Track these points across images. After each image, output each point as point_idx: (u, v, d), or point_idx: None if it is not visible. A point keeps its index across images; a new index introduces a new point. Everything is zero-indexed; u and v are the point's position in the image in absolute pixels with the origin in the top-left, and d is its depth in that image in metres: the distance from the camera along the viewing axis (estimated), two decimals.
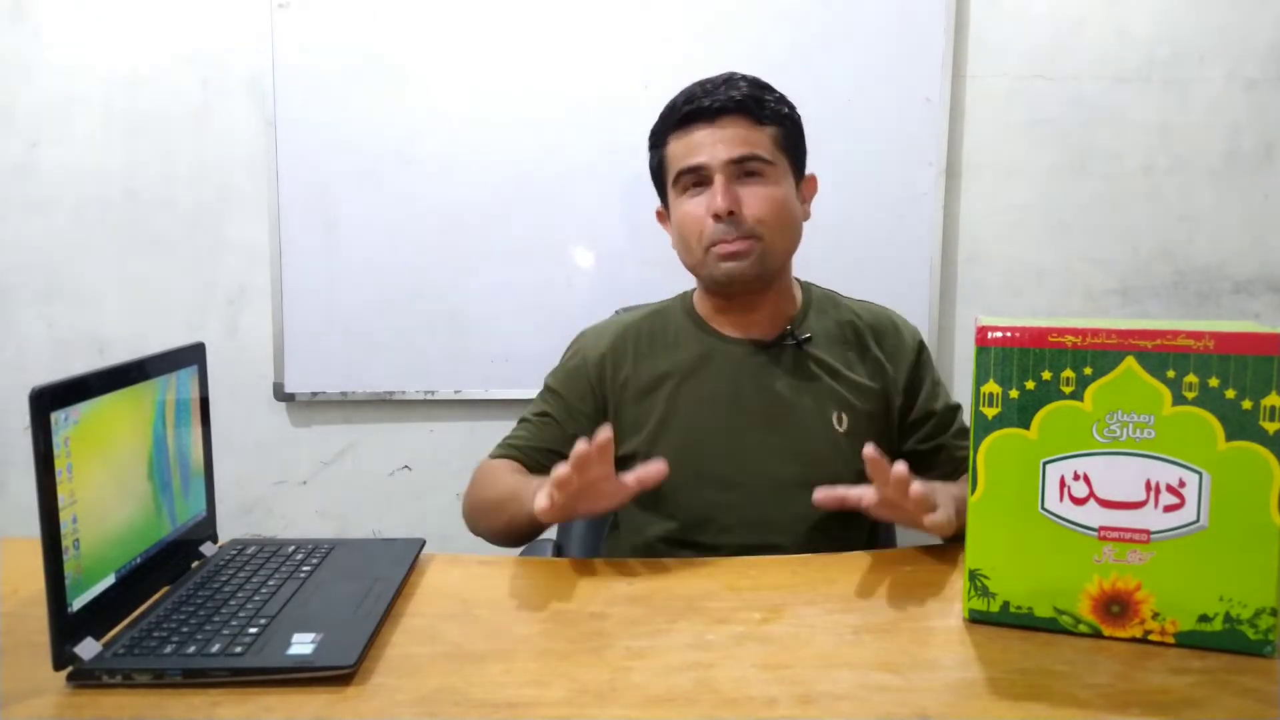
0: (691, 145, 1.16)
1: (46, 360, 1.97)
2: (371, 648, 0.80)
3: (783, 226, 1.17)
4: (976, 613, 0.85)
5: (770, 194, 1.16)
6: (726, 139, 1.15)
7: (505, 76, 1.91)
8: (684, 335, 1.25)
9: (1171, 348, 0.77)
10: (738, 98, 1.15)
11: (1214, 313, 2.03)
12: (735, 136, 1.15)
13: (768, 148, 1.16)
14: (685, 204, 1.18)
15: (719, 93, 1.15)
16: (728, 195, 1.13)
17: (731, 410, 1.19)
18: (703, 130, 1.16)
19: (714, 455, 1.18)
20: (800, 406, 1.19)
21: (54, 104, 1.92)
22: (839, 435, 1.18)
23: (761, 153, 1.15)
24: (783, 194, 1.17)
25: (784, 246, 1.19)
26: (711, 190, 1.14)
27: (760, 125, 1.16)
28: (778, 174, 1.17)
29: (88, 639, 0.77)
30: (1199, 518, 0.78)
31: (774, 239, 1.16)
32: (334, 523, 2.06)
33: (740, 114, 1.15)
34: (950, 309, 2.03)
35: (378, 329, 1.97)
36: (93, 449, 0.80)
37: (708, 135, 1.15)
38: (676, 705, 0.72)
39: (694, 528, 1.17)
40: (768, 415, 1.19)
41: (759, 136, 1.16)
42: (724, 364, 1.21)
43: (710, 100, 1.15)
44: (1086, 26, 1.96)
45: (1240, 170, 2.00)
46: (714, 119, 1.15)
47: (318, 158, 1.92)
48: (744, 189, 1.15)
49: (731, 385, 1.20)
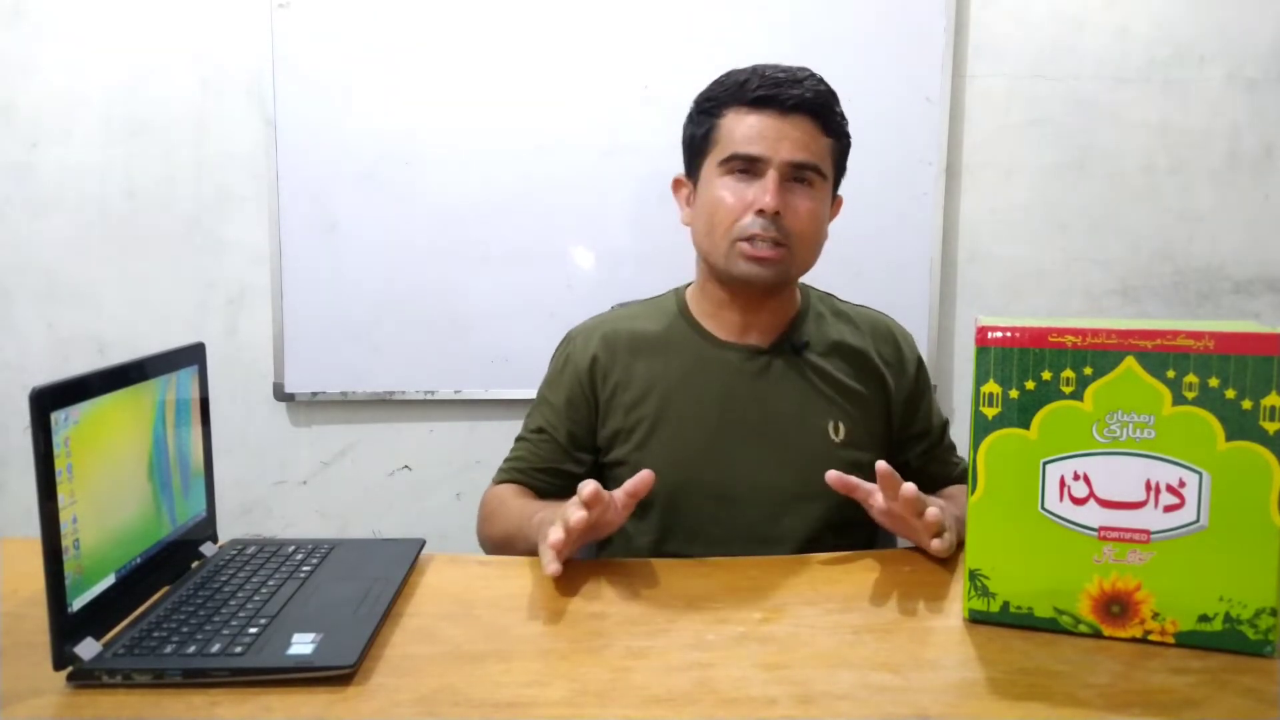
0: (755, 131, 1.11)
1: (46, 360, 1.97)
2: (371, 648, 0.80)
3: (814, 243, 1.15)
4: (976, 613, 0.85)
5: (814, 209, 1.13)
6: (793, 138, 1.11)
7: (505, 77, 1.91)
8: (677, 338, 1.21)
9: (1171, 348, 0.77)
10: (814, 100, 1.12)
11: (1214, 313, 2.03)
12: (801, 140, 1.11)
13: (825, 160, 1.14)
14: (726, 186, 1.13)
15: (796, 87, 1.11)
16: (778, 196, 1.09)
17: (724, 419, 1.16)
18: (771, 119, 1.11)
19: (705, 465, 1.15)
20: (796, 415, 1.17)
21: (54, 104, 1.92)
22: (835, 445, 1.16)
23: (819, 164, 1.12)
24: (823, 210, 1.15)
25: (807, 263, 1.17)
26: (762, 184, 1.10)
27: (825, 134, 1.13)
28: (825, 189, 1.15)
29: (88, 639, 0.77)
30: (1199, 518, 0.78)
31: (801, 254, 1.14)
32: (334, 523, 2.06)
33: (811, 116, 1.12)
34: (950, 309, 2.03)
35: (378, 329, 1.97)
36: (93, 449, 0.80)
37: (774, 127, 1.11)
38: (676, 705, 0.72)
39: (686, 539, 1.15)
40: (762, 424, 1.16)
41: (821, 145, 1.13)
42: (718, 371, 1.18)
43: (786, 94, 1.10)
44: (1086, 26, 1.96)
45: (1240, 170, 2.00)
46: (785, 113, 1.11)
47: (318, 158, 1.92)
48: (791, 195, 1.11)
49: (724, 393, 1.17)
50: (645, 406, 1.18)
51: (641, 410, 1.18)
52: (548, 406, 1.24)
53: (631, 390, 1.19)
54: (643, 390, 1.19)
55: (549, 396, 1.24)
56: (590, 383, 1.21)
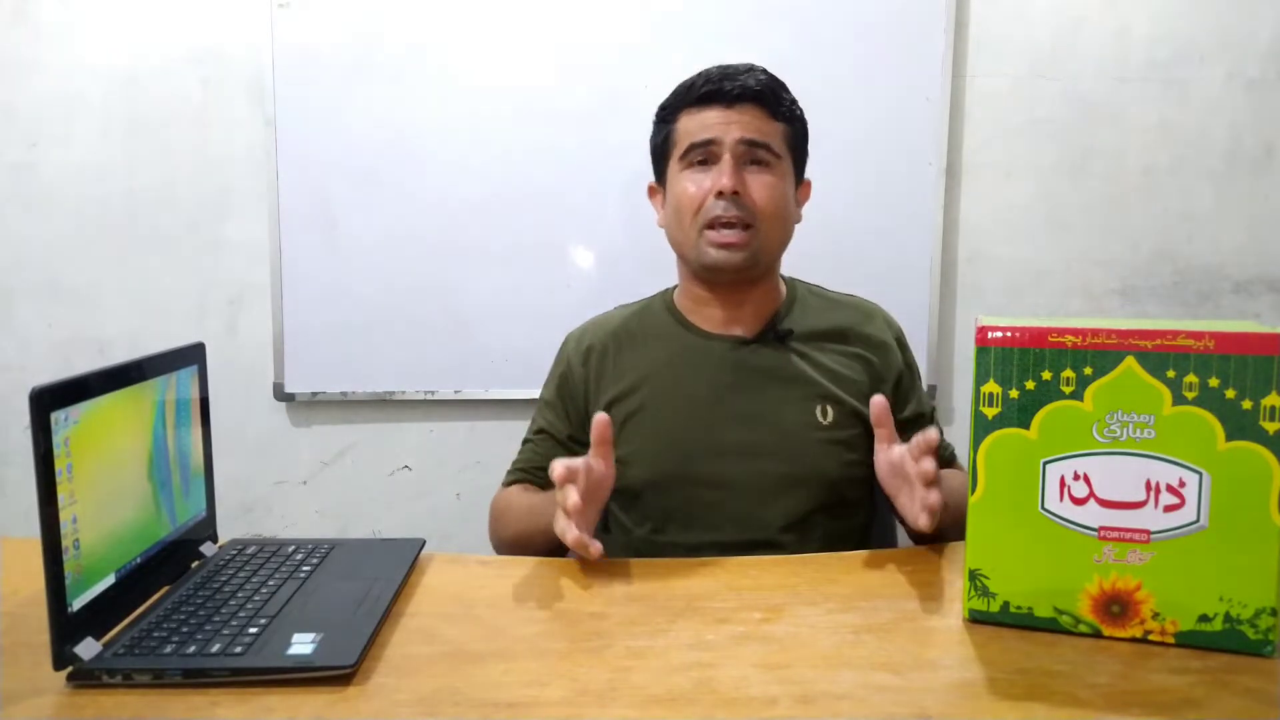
0: (705, 122, 1.17)
1: (46, 360, 1.97)
2: (371, 648, 0.80)
3: (780, 220, 1.18)
4: (976, 613, 0.85)
5: (773, 184, 1.17)
6: (741, 122, 1.16)
7: (505, 76, 1.91)
8: (664, 332, 1.25)
9: (1171, 348, 0.77)
10: (756, 87, 1.17)
11: (1214, 313, 2.03)
12: (750, 123, 1.16)
13: (777, 140, 1.18)
14: (686, 178, 1.18)
15: (740, 79, 1.16)
16: (735, 175, 1.14)
17: (711, 408, 1.19)
18: (719, 110, 1.17)
19: (695, 453, 1.17)
20: (782, 401, 1.19)
21: (54, 104, 1.92)
22: (823, 429, 1.18)
23: (772, 143, 1.17)
24: (784, 189, 1.19)
25: (777, 241, 1.20)
26: (718, 168, 1.15)
27: (774, 119, 1.18)
28: (783, 169, 1.19)
29: (88, 639, 0.77)
30: (1199, 518, 0.78)
31: (770, 232, 1.17)
32: (334, 523, 2.06)
33: (757, 103, 1.17)
34: (950, 309, 2.03)
35: (378, 329, 1.97)
36: (93, 449, 0.80)
37: (722, 116, 1.16)
38: (676, 705, 0.72)
39: (680, 526, 1.17)
40: (749, 412, 1.18)
41: (772, 128, 1.18)
42: (703, 361, 1.21)
43: (730, 85, 1.16)
44: (1086, 26, 1.96)
45: (1240, 170, 2.00)
46: (731, 103, 1.16)
47: (318, 157, 1.92)
48: (749, 175, 1.16)
49: (711, 383, 1.20)
50: (634, 399, 1.21)
51: (630, 402, 1.21)
52: (547, 407, 1.29)
53: (621, 383, 1.23)
54: (631, 383, 1.22)
55: (547, 397, 1.30)
56: (583, 379, 1.25)
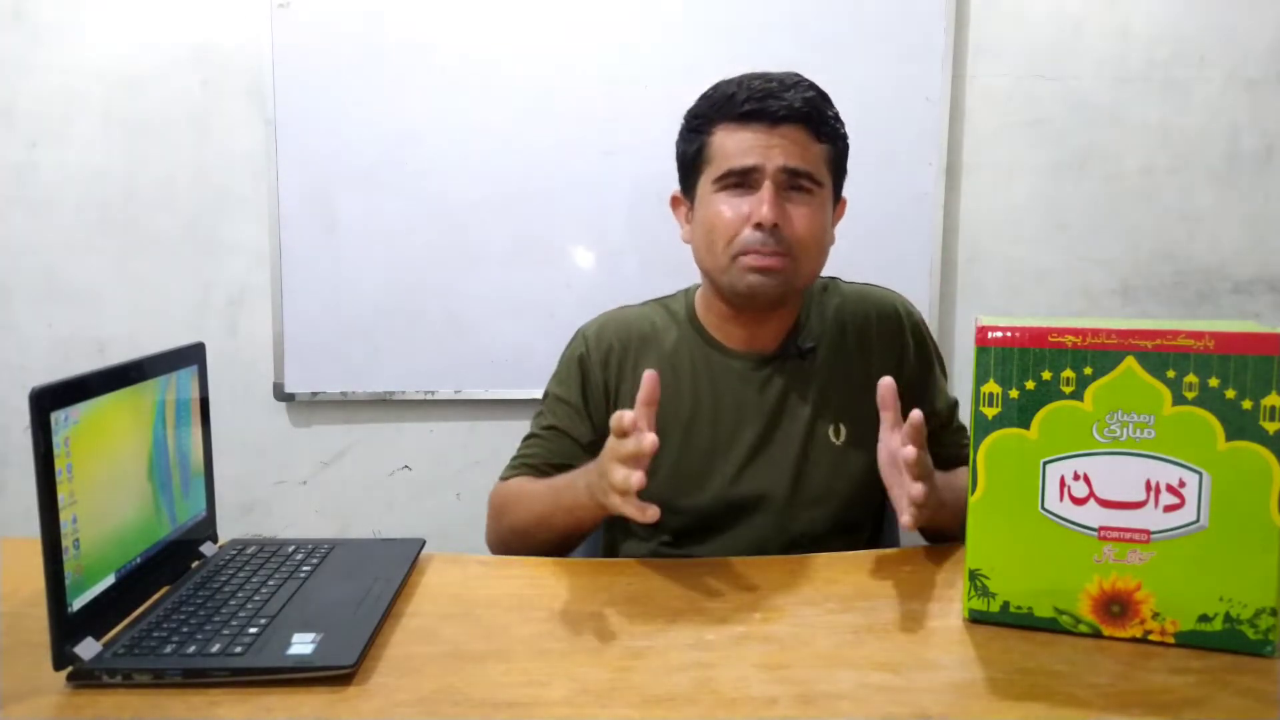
0: (745, 145, 1.09)
1: (46, 360, 1.97)
2: (371, 648, 0.80)
3: (818, 251, 1.13)
4: (976, 613, 0.84)
5: (814, 216, 1.10)
6: (784, 147, 1.08)
7: (505, 76, 1.91)
8: (684, 344, 1.20)
9: (1171, 348, 0.77)
10: (803, 108, 1.08)
11: (1214, 313, 2.03)
12: (793, 148, 1.08)
13: (820, 166, 1.11)
14: (722, 202, 1.10)
15: (785, 97, 1.08)
16: (776, 207, 1.07)
17: (726, 426, 1.16)
18: (761, 132, 1.08)
19: (710, 472, 1.15)
20: (795, 421, 1.16)
21: (54, 104, 1.92)
22: (835, 448, 1.16)
23: (815, 171, 1.10)
24: (824, 218, 1.12)
25: (812, 271, 1.15)
26: (758, 196, 1.07)
27: (818, 140, 1.11)
28: (824, 196, 1.12)
29: (88, 639, 0.77)
30: (1199, 518, 0.78)
31: (807, 262, 1.12)
32: (334, 523, 2.06)
33: (802, 124, 1.09)
34: (950, 309, 2.03)
35: (378, 329, 1.97)
36: (93, 449, 0.80)
37: (764, 139, 1.08)
38: (676, 705, 0.72)
39: (695, 541, 1.16)
40: (762, 431, 1.16)
41: (815, 153, 1.10)
42: (722, 379, 1.18)
43: (775, 104, 1.08)
44: (1086, 26, 1.96)
45: (1240, 170, 2.00)
46: (774, 124, 1.08)
47: (318, 158, 1.92)
48: (790, 205, 1.09)
49: (731, 403, 1.17)
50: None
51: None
52: (560, 404, 1.22)
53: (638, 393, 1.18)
54: None
55: (561, 394, 1.22)
56: (602, 383, 1.20)
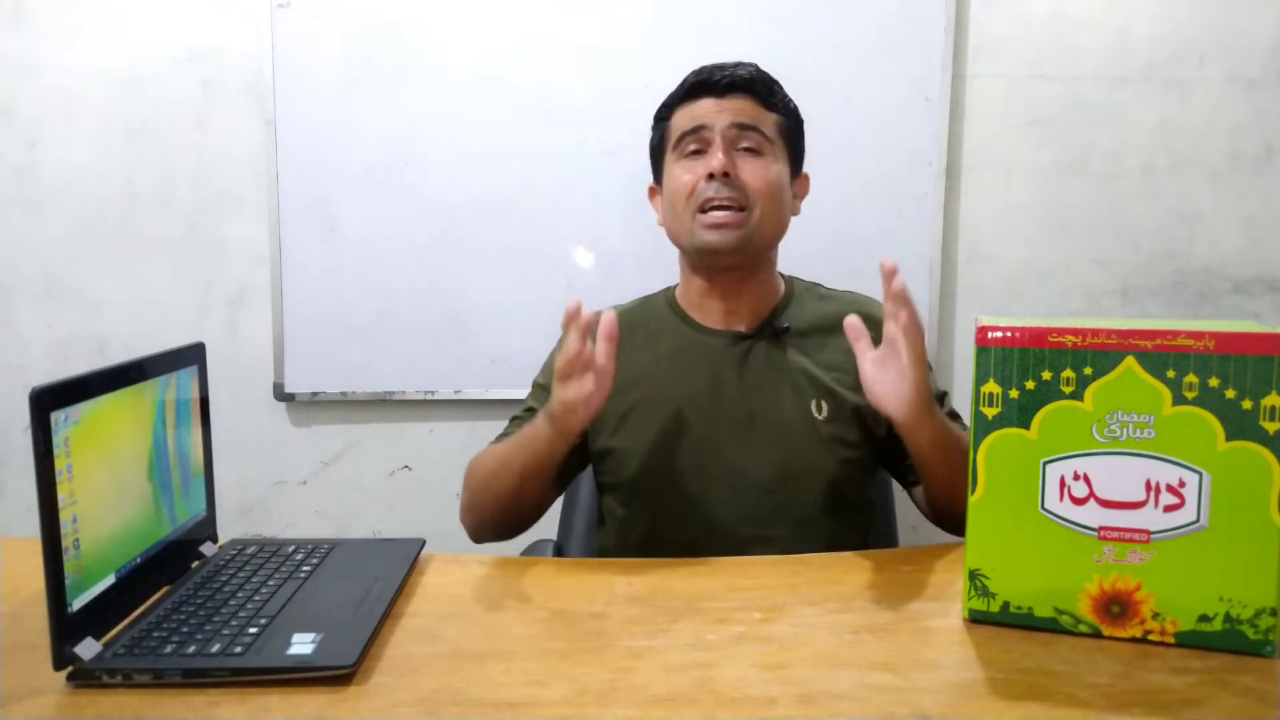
0: (696, 113, 1.19)
1: (46, 360, 1.97)
2: (371, 648, 0.80)
3: (774, 203, 1.18)
4: (976, 613, 0.85)
5: (767, 168, 1.18)
6: (733, 109, 1.18)
7: (505, 76, 1.90)
8: (664, 328, 1.25)
9: (1171, 348, 0.77)
10: (747, 77, 1.19)
11: (1214, 313, 2.03)
12: (741, 109, 1.18)
13: (770, 127, 1.20)
14: (680, 166, 1.20)
15: (729, 70, 1.19)
16: (727, 156, 1.16)
17: (708, 404, 1.19)
18: (709, 101, 1.19)
19: (691, 450, 1.17)
20: (778, 397, 1.19)
21: (54, 104, 1.92)
22: (819, 424, 1.18)
23: (764, 128, 1.19)
24: (778, 173, 1.19)
25: (772, 227, 1.20)
26: (710, 152, 1.17)
27: (766, 109, 1.20)
28: (775, 154, 1.20)
29: (88, 639, 0.77)
30: (1199, 518, 0.78)
31: (764, 214, 1.17)
32: (334, 523, 2.06)
33: (748, 93, 1.19)
34: (950, 309, 2.02)
35: (378, 329, 1.96)
36: (93, 449, 0.80)
37: (713, 105, 1.19)
38: (676, 705, 0.72)
39: (678, 521, 1.17)
40: (744, 408, 1.18)
41: (763, 116, 1.20)
42: (702, 357, 1.21)
43: (720, 75, 1.19)
44: (1086, 26, 1.96)
45: (1240, 170, 1.99)
46: (722, 94, 1.19)
47: (318, 157, 1.92)
48: (741, 160, 1.17)
49: (709, 379, 1.20)
50: (632, 392, 1.21)
51: (628, 396, 1.20)
52: (541, 390, 1.28)
53: (620, 376, 1.20)
54: (629, 376, 1.21)
55: (542, 382, 1.29)
56: None
